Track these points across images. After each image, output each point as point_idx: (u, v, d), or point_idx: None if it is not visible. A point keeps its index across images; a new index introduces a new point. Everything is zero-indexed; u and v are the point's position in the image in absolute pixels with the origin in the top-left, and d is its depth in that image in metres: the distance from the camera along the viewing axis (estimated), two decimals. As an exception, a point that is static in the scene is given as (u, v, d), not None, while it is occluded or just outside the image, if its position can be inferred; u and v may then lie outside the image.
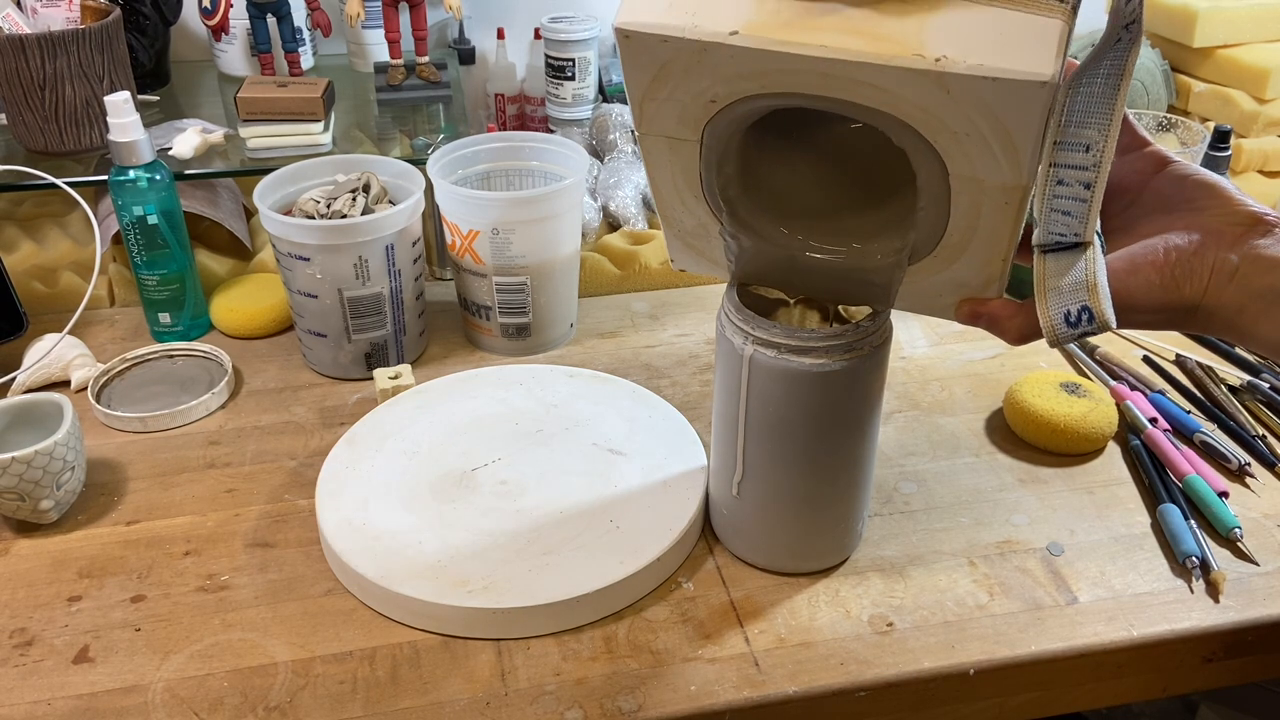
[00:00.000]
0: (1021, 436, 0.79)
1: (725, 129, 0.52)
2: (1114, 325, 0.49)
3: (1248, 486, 0.74)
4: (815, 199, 0.59)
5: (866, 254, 0.57)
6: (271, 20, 1.09)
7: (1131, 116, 0.52)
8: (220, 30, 1.13)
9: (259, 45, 1.10)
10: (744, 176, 0.57)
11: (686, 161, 0.55)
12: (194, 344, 0.89)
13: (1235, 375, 0.85)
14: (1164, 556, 0.68)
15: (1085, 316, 0.49)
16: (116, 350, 0.89)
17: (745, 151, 0.55)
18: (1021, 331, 0.53)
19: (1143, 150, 0.53)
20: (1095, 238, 0.50)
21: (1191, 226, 0.49)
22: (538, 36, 1.17)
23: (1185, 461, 0.74)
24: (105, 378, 0.85)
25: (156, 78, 1.11)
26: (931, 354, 0.90)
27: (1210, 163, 0.94)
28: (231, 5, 1.11)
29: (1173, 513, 0.70)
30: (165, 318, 0.90)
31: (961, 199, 0.50)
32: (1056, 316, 0.50)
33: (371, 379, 0.84)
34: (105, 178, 0.85)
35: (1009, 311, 0.54)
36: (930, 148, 0.48)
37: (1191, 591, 0.65)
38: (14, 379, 0.83)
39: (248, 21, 1.10)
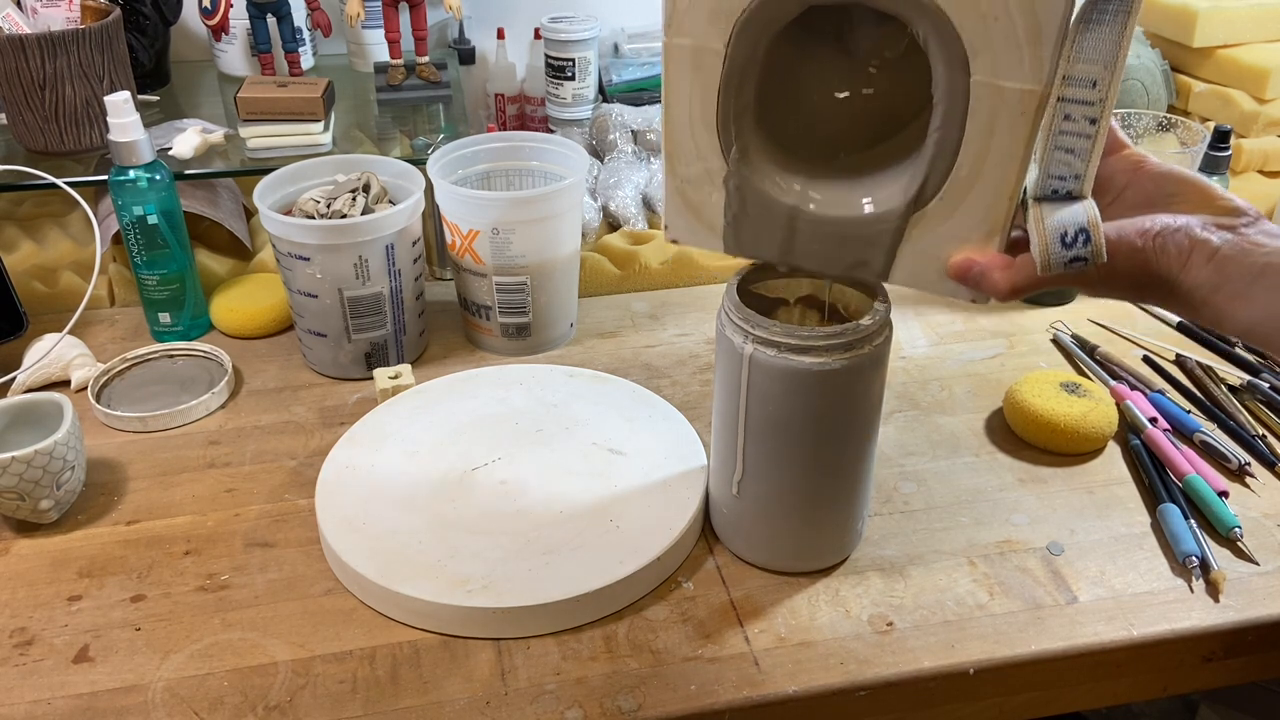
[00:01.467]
0: (1021, 436, 0.79)
1: (751, 39, 0.53)
2: (1105, 258, 0.49)
3: (1248, 486, 0.74)
4: (826, 139, 0.59)
5: (873, 202, 0.56)
6: (271, 20, 1.09)
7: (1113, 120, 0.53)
8: (220, 30, 1.13)
9: (259, 45, 1.10)
10: (760, 108, 0.57)
11: (708, 81, 0.55)
12: (194, 344, 0.89)
13: (1235, 375, 0.85)
14: (1164, 556, 0.68)
15: (1082, 238, 0.49)
16: (116, 350, 0.89)
17: (764, 79, 0.56)
18: (1013, 282, 0.53)
19: (1122, 152, 0.55)
20: (1090, 198, 0.51)
21: (1176, 213, 0.51)
22: (538, 36, 1.17)
23: (1185, 461, 0.74)
24: (105, 378, 0.85)
25: (156, 78, 1.11)
26: (931, 354, 0.90)
27: (1210, 163, 0.94)
28: (231, 5, 1.11)
29: (1173, 512, 0.70)
30: (165, 318, 0.90)
31: (979, 110, 0.51)
32: (1052, 236, 0.50)
33: (371, 379, 0.84)
34: (105, 178, 0.85)
35: (1001, 263, 0.54)
36: (955, 46, 0.50)
37: (1191, 591, 0.65)
38: (14, 379, 0.83)
39: (248, 21, 1.10)
